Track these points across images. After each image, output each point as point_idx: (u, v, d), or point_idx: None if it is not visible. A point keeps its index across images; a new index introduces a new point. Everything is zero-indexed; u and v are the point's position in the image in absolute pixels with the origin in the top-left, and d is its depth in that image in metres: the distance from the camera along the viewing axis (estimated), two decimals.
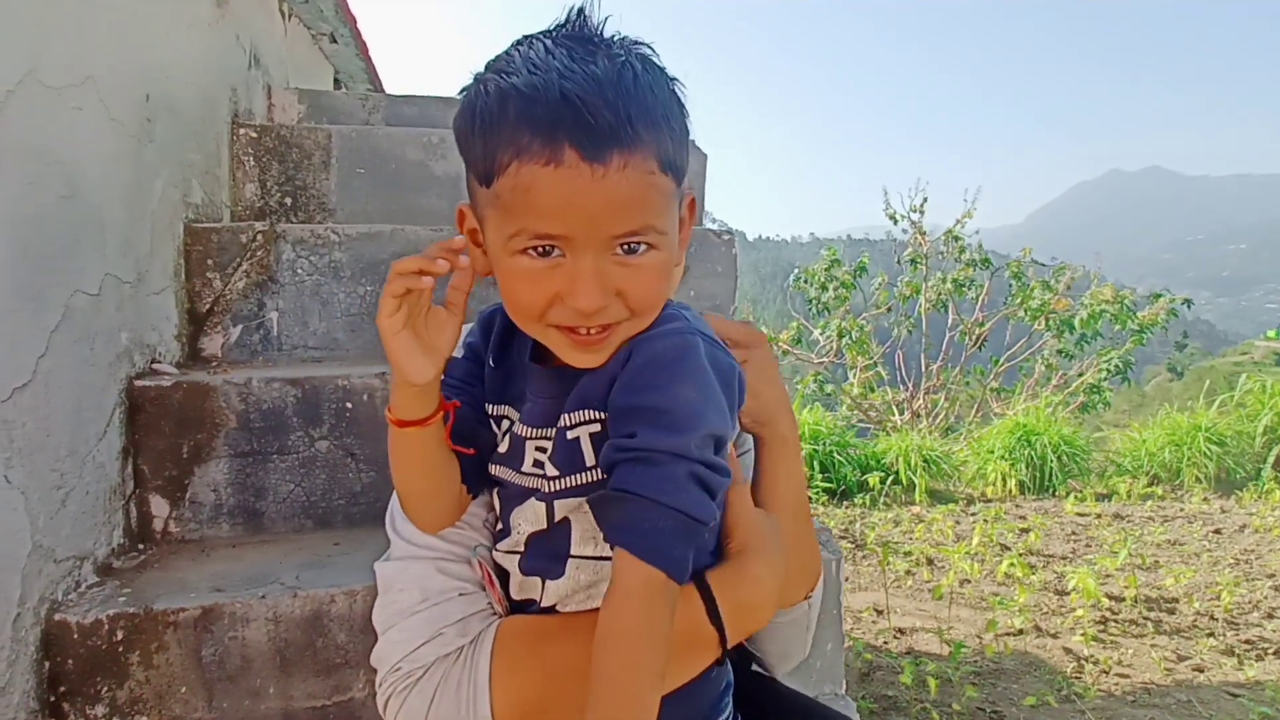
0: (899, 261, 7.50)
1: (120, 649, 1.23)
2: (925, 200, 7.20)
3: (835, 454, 4.75)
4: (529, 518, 0.75)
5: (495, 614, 0.79)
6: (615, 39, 0.67)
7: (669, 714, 0.74)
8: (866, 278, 7.36)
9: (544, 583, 0.76)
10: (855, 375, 6.99)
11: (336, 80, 3.81)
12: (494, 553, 0.79)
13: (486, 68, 0.67)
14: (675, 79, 0.69)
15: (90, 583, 1.35)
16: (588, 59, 0.63)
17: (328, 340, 1.93)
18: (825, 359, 7.15)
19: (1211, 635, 2.74)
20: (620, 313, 0.66)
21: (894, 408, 6.85)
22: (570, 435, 0.71)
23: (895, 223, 7.32)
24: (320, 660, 1.31)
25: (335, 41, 3.33)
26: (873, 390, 6.96)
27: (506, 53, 0.67)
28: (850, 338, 6.85)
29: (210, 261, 1.85)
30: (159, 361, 1.67)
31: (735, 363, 0.73)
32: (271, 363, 1.88)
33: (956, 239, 7.02)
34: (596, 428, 0.71)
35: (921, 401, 6.73)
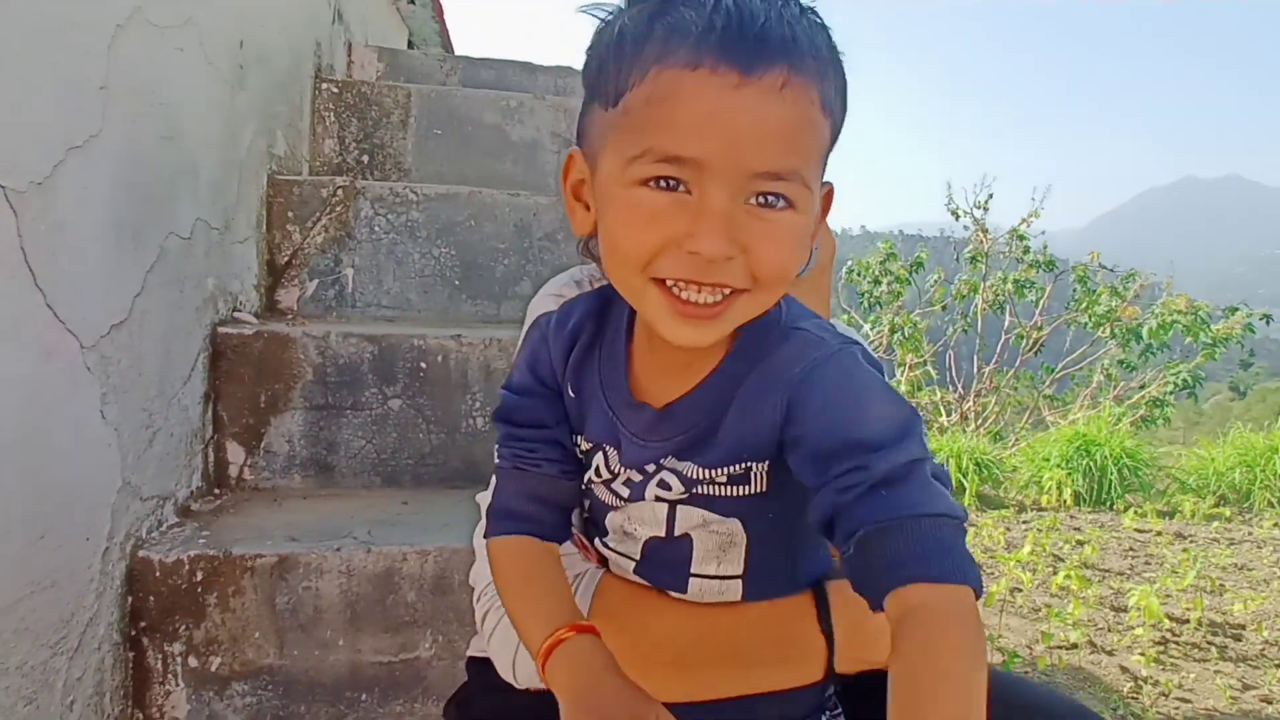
0: (957, 259, 7.29)
1: (199, 590, 1.25)
2: (991, 196, 6.98)
3: None
4: (647, 520, 0.70)
5: (590, 564, 0.78)
6: None
7: (765, 711, 0.71)
8: (922, 273, 7.18)
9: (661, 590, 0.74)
10: (904, 373, 6.83)
11: (410, 44, 3.80)
12: (600, 542, 0.76)
13: None
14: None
15: (171, 523, 1.37)
16: None
17: (401, 300, 1.92)
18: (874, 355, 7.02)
19: None
20: (742, 277, 0.55)
21: (941, 408, 6.69)
22: (712, 490, 0.66)
23: (957, 218, 7.11)
24: (390, 617, 1.31)
25: (413, 2, 3.32)
26: (920, 389, 6.80)
27: None
28: (902, 334, 6.69)
29: (291, 214, 1.86)
30: (240, 310, 1.68)
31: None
32: (345, 319, 1.88)
33: (1021, 238, 6.80)
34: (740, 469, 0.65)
35: (971, 404, 6.57)
